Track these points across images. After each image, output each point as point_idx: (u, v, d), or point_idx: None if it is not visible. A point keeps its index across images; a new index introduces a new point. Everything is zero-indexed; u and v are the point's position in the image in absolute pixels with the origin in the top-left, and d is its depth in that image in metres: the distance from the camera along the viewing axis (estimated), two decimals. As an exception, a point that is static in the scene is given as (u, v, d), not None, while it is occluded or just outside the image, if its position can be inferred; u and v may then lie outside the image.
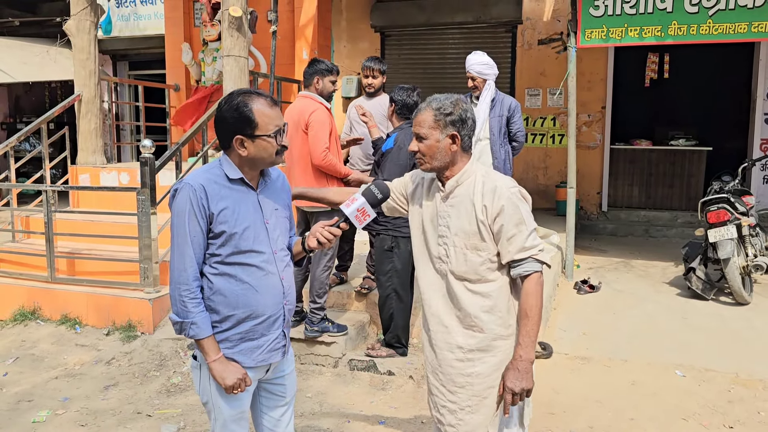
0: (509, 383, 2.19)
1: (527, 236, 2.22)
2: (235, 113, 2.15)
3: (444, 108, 2.26)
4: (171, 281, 2.19)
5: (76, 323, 5.28)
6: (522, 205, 2.25)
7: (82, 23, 6.82)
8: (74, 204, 6.95)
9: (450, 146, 2.27)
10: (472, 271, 2.29)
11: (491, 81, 4.63)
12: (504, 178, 2.31)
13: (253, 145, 2.18)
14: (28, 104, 12.81)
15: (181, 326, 2.17)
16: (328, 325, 4.52)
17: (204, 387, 2.29)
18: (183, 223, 2.15)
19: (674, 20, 5.42)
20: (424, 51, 9.47)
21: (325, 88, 4.39)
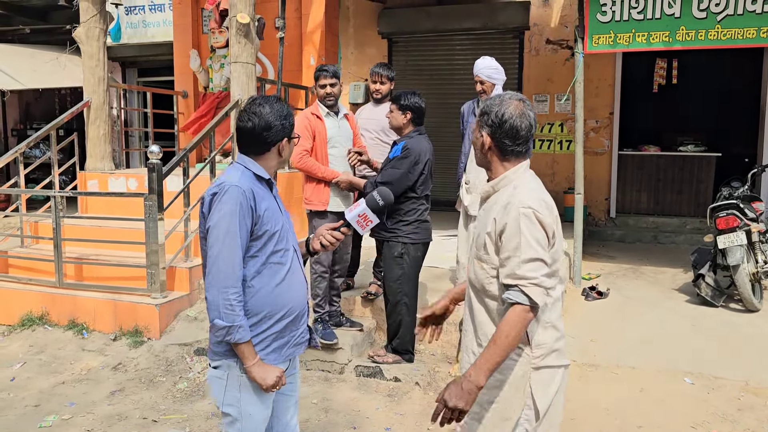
0: (446, 395, 2.05)
1: (521, 263, 2.02)
2: (286, 119, 2.27)
3: (486, 107, 2.19)
4: (215, 284, 2.14)
5: (83, 328, 5.29)
6: (527, 229, 2.03)
7: (91, 30, 6.87)
8: (83, 210, 6.99)
9: (482, 146, 2.20)
10: (479, 282, 2.22)
11: (499, 86, 4.61)
12: (529, 193, 2.11)
13: (289, 146, 2.34)
14: (39, 111, 12.91)
15: (227, 331, 2.14)
16: (342, 319, 4.68)
17: (232, 397, 2.25)
18: (233, 224, 2.14)
19: (682, 25, 5.40)
20: (431, 57, 9.49)
21: (317, 92, 4.49)
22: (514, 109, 2.14)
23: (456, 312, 2.69)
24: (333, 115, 4.49)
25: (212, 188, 2.22)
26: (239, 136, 2.31)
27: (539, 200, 2.09)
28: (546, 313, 2.17)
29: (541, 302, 2.04)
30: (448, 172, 8.91)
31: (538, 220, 2.05)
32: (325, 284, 4.47)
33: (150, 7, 10.40)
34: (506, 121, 2.13)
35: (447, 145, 8.70)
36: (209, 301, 2.16)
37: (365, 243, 5.25)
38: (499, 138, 2.15)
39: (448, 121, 8.90)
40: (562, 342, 2.25)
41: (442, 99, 9.10)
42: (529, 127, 2.16)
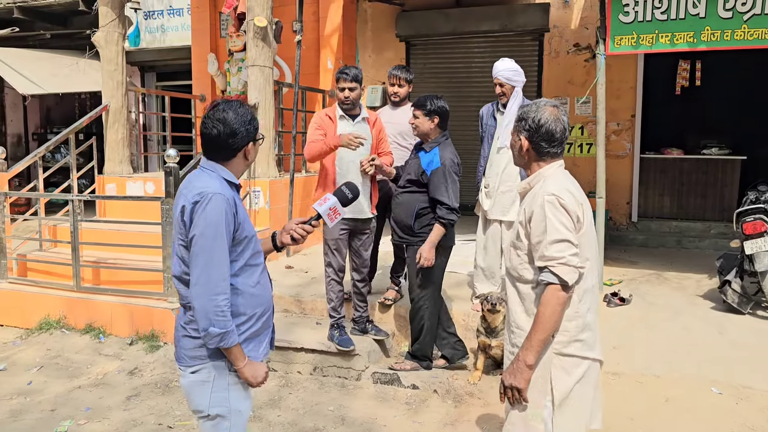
0: (503, 375, 2.34)
1: (548, 245, 2.22)
2: (250, 124, 2.28)
3: (523, 113, 2.39)
4: (205, 293, 2.13)
5: (100, 332, 5.29)
6: (552, 213, 2.23)
7: (110, 35, 6.90)
8: (101, 213, 7.01)
9: (520, 149, 2.40)
10: (515, 269, 2.41)
11: (519, 88, 4.53)
12: (554, 183, 2.29)
13: (254, 148, 2.37)
14: (59, 115, 13.04)
15: (221, 337, 2.16)
16: (368, 326, 4.66)
17: (220, 398, 2.28)
18: (220, 233, 2.16)
19: (707, 26, 5.26)
20: (449, 60, 9.41)
21: (336, 94, 4.45)
22: (549, 114, 2.34)
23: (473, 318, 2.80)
24: (348, 119, 4.40)
25: (192, 196, 2.19)
26: (204, 142, 2.30)
27: (563, 189, 2.28)
28: (573, 304, 2.29)
29: (571, 280, 2.21)
30: (466, 176, 8.81)
31: (562, 205, 2.24)
32: (339, 288, 4.41)
33: (169, 12, 10.46)
34: (542, 126, 2.33)
35: (465, 148, 8.59)
36: (199, 310, 2.15)
37: (382, 247, 5.18)
38: (536, 141, 2.35)
39: (466, 124, 8.81)
40: (589, 335, 2.36)
41: (460, 102, 9.00)
42: (563, 130, 2.36)
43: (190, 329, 2.26)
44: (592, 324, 2.37)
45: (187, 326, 2.27)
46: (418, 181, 4.18)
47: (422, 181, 4.15)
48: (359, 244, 4.44)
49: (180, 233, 2.23)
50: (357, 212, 4.31)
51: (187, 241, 2.20)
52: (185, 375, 2.30)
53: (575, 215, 2.25)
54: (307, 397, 4.24)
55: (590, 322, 2.35)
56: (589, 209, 2.36)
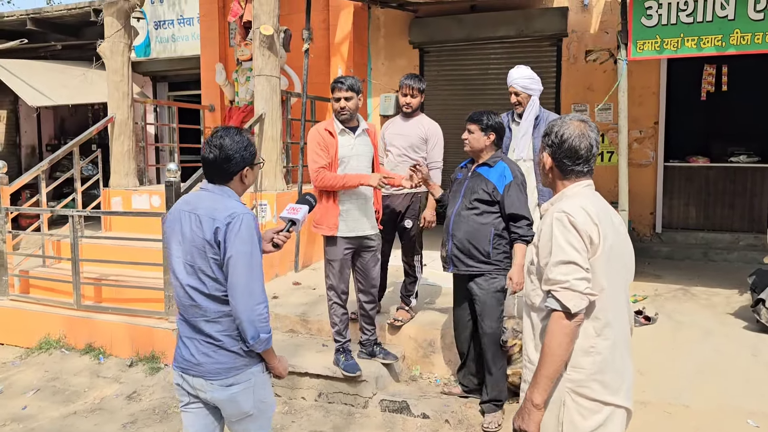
0: (514, 416, 2.14)
1: (552, 267, 2.01)
2: (246, 150, 2.43)
3: (548, 128, 2.22)
4: (250, 306, 2.29)
5: (100, 353, 5.11)
6: (560, 232, 2.02)
7: (115, 45, 6.76)
8: (106, 227, 6.86)
9: (544, 166, 2.23)
10: (527, 295, 2.23)
11: (536, 97, 4.27)
12: (571, 202, 2.08)
13: (252, 173, 2.51)
14: (73, 126, 13.00)
15: (268, 340, 2.37)
16: (376, 348, 4.38)
17: (263, 394, 2.49)
18: (255, 249, 2.34)
19: (736, 29, 4.95)
20: (464, 67, 9.15)
21: (332, 106, 4.12)
22: (573, 129, 2.15)
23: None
24: (348, 132, 4.09)
25: (224, 218, 2.32)
26: (203, 165, 2.47)
27: (577, 206, 2.06)
28: (588, 337, 2.05)
29: (574, 306, 1.97)
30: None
31: (571, 224, 2.02)
32: (342, 311, 4.16)
33: (179, 21, 10.35)
34: (565, 141, 2.14)
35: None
36: (246, 321, 2.29)
37: (391, 262, 4.92)
38: (559, 158, 2.17)
39: (482, 132, 8.55)
40: (612, 377, 2.08)
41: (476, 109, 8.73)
42: (589, 148, 2.15)
43: (222, 345, 2.37)
44: (617, 364, 2.09)
45: (216, 342, 2.36)
46: (489, 200, 3.73)
47: (494, 198, 3.72)
48: (364, 263, 4.17)
49: (213, 254, 2.33)
50: (358, 229, 4.06)
51: (221, 260, 2.32)
52: (222, 388, 2.38)
53: (587, 235, 2.01)
54: (312, 426, 4.00)
55: (614, 362, 2.08)
56: (614, 232, 2.10)
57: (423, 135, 4.54)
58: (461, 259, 3.80)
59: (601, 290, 2.03)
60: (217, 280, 2.34)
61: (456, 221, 3.82)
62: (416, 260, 4.70)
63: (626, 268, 2.17)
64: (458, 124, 4.81)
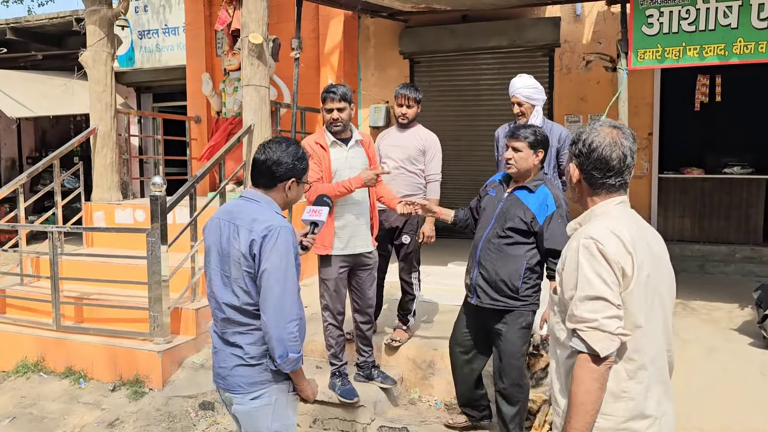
0: None
1: (579, 303, 1.78)
2: (299, 161, 2.41)
3: (576, 135, 2.01)
4: (281, 323, 2.24)
5: (80, 377, 4.84)
6: (587, 262, 1.78)
7: (98, 54, 6.54)
8: (88, 243, 6.60)
9: (572, 180, 2.01)
10: (551, 328, 1.99)
11: (539, 107, 4.12)
12: (601, 225, 1.83)
13: (297, 188, 2.46)
14: (54, 138, 12.68)
15: (297, 361, 2.30)
16: (374, 371, 4.15)
17: (281, 416, 2.39)
18: (291, 264, 2.28)
19: (740, 37, 4.85)
20: (456, 77, 9.01)
21: (323, 117, 3.89)
22: (604, 136, 1.92)
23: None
24: (340, 144, 3.86)
25: (260, 230, 2.28)
26: (252, 165, 2.45)
27: (607, 231, 1.81)
28: (619, 379, 1.81)
29: (603, 349, 1.74)
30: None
31: (600, 252, 1.78)
32: (338, 333, 3.95)
33: (164, 31, 10.12)
34: (594, 150, 1.91)
35: (475, 170, 8.20)
36: (275, 338, 2.24)
37: (388, 278, 4.71)
38: (588, 170, 1.94)
39: (476, 144, 8.40)
40: (646, 425, 1.83)
41: (468, 121, 8.62)
42: (622, 158, 1.91)
43: (248, 357, 2.32)
44: (655, 413, 1.84)
45: (243, 354, 2.33)
46: (525, 230, 3.32)
47: (531, 229, 3.31)
48: (360, 281, 3.96)
49: (247, 266, 2.29)
50: (353, 247, 3.86)
51: (254, 273, 2.28)
52: (244, 402, 2.36)
53: (618, 267, 1.76)
54: (306, 455, 3.78)
55: (650, 410, 1.83)
56: (651, 259, 1.85)
57: (420, 146, 4.36)
58: (486, 292, 3.40)
59: (635, 328, 1.79)
60: (249, 293, 2.31)
61: (485, 249, 3.41)
62: (414, 277, 4.51)
63: (667, 299, 1.92)
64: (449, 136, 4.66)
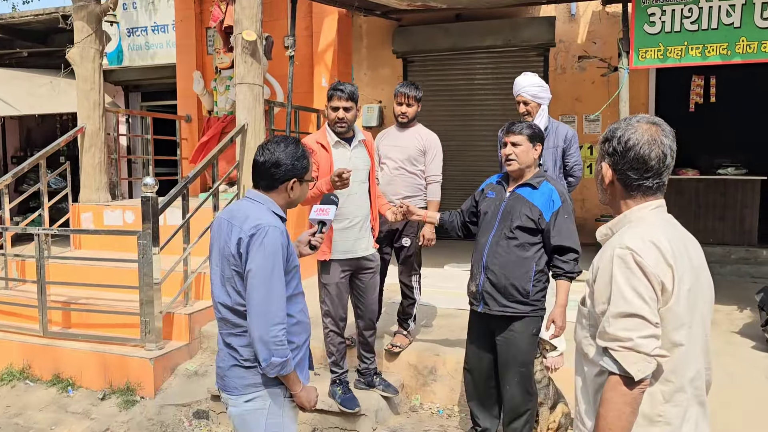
0: None
1: (611, 319, 1.63)
2: (298, 161, 2.36)
3: (609, 132, 1.83)
4: (265, 324, 2.18)
5: (68, 384, 4.67)
6: (622, 274, 1.63)
7: (86, 51, 6.36)
8: (75, 245, 6.42)
9: (603, 180, 1.83)
10: (579, 341, 1.83)
11: (545, 106, 4.02)
12: (637, 231, 1.68)
13: (300, 188, 2.41)
14: (40, 137, 12.43)
15: (282, 366, 2.21)
16: (375, 379, 4.00)
17: (275, 424, 2.32)
18: (277, 264, 2.22)
19: (743, 36, 4.80)
20: (449, 77, 8.92)
21: (327, 115, 3.74)
22: (642, 133, 1.74)
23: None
24: (344, 144, 3.70)
25: (248, 229, 2.23)
26: (252, 168, 2.40)
27: (646, 240, 1.65)
28: (655, 403, 1.67)
29: (639, 372, 1.59)
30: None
31: (637, 264, 1.62)
32: (339, 340, 3.82)
33: (153, 28, 9.94)
34: (631, 149, 1.74)
35: (469, 170, 8.14)
36: (258, 341, 2.19)
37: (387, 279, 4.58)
38: (623, 170, 1.77)
39: (470, 144, 8.33)
40: None
41: (462, 121, 8.54)
42: (662, 157, 1.74)
43: (242, 359, 2.28)
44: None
45: (239, 357, 2.29)
46: (533, 228, 3.19)
47: (538, 226, 3.18)
48: (363, 285, 3.83)
49: (235, 265, 2.26)
50: (354, 251, 3.74)
51: (242, 272, 2.24)
52: (237, 404, 2.32)
53: (657, 280, 1.61)
54: (305, 466, 3.66)
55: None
56: (692, 270, 1.70)
57: (421, 147, 4.25)
58: (495, 298, 3.24)
59: (673, 347, 1.65)
60: (240, 293, 2.27)
61: (491, 252, 3.25)
62: (415, 281, 4.40)
63: (707, 313, 1.76)
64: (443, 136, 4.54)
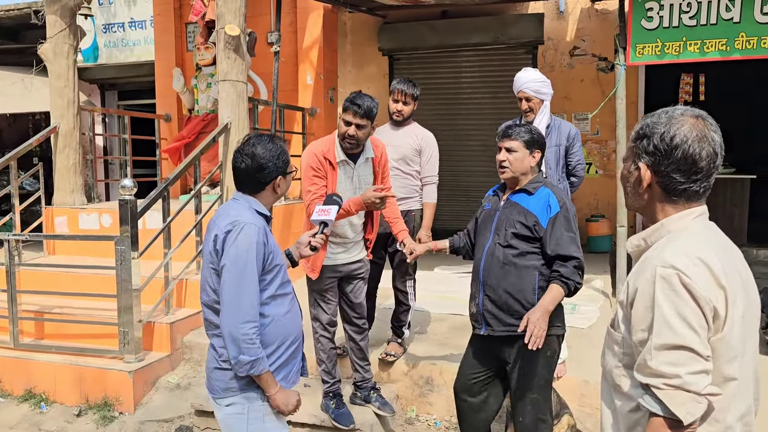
0: None
1: (654, 351, 1.39)
2: (279, 159, 2.33)
3: (647, 127, 1.56)
4: (235, 321, 2.17)
5: (41, 400, 4.40)
6: (667, 300, 1.38)
7: (59, 47, 6.07)
8: (49, 251, 6.12)
9: (638, 183, 1.57)
10: (609, 370, 1.58)
11: (548, 102, 3.85)
12: (682, 248, 1.44)
13: (285, 181, 2.40)
14: (11, 137, 12.01)
15: (251, 365, 2.18)
16: (371, 394, 3.75)
17: (256, 428, 2.29)
18: (251, 261, 2.20)
19: (742, 32, 4.68)
20: (436, 75, 8.73)
21: (338, 125, 3.40)
22: (689, 129, 1.50)
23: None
24: (349, 163, 3.41)
25: (225, 225, 2.24)
26: (234, 174, 2.37)
27: (693, 258, 1.40)
28: None
29: (688, 415, 1.34)
30: (461, 199, 8.15)
31: (685, 287, 1.37)
32: (330, 346, 3.60)
33: (130, 24, 9.61)
34: (677, 147, 1.49)
35: (458, 170, 7.97)
36: (228, 338, 2.18)
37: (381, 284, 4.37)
38: (666, 172, 1.51)
39: (458, 143, 8.15)
40: None
41: (449, 120, 8.35)
42: (713, 156, 1.51)
43: (221, 361, 2.27)
44: None
45: (218, 358, 2.28)
46: (529, 236, 2.86)
47: (535, 234, 2.85)
48: (351, 289, 3.60)
49: (212, 262, 2.27)
50: (347, 256, 3.53)
51: (218, 269, 2.25)
52: (220, 408, 2.32)
53: (709, 307, 1.38)
54: (297, 485, 3.44)
55: None
56: (744, 289, 1.47)
57: (416, 146, 4.05)
58: (497, 317, 2.87)
59: (725, 382, 1.42)
60: (216, 291, 2.27)
61: (487, 266, 2.91)
62: (409, 286, 4.19)
63: (757, 336, 1.53)
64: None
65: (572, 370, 3.94)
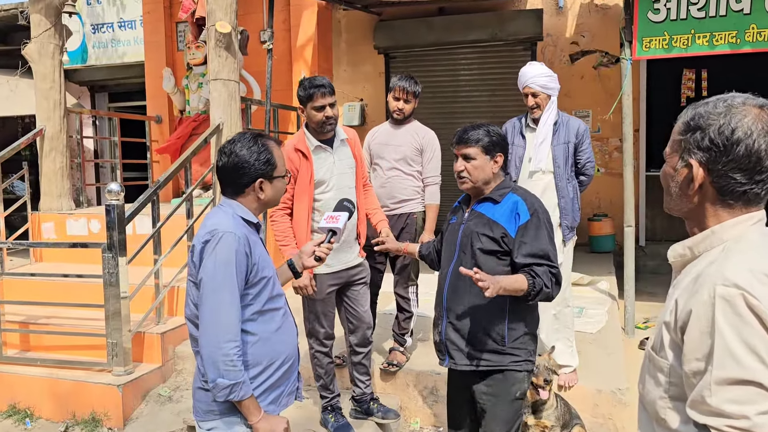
0: None
1: (715, 386, 1.17)
2: (261, 156, 2.14)
3: (699, 118, 1.31)
4: (213, 341, 1.97)
5: (26, 415, 4.20)
6: (732, 327, 1.17)
7: (44, 47, 5.86)
8: (36, 258, 5.92)
9: (687, 183, 1.34)
10: (650, 400, 1.36)
11: (555, 97, 3.68)
12: (744, 263, 1.22)
13: (271, 186, 2.19)
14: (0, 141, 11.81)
15: (231, 389, 1.98)
16: (372, 406, 3.58)
17: None
18: (230, 274, 2.00)
19: (753, 24, 4.51)
20: (433, 73, 8.55)
21: (309, 118, 3.24)
22: (753, 120, 1.25)
23: None
24: (325, 149, 3.26)
25: (203, 235, 2.06)
26: (216, 175, 2.24)
27: (758, 275, 1.18)
28: None
29: None
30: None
31: (753, 311, 1.15)
32: (327, 361, 3.42)
33: (120, 25, 9.41)
34: (740, 142, 1.25)
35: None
36: (207, 359, 1.99)
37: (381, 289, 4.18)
38: (724, 171, 1.28)
39: (455, 143, 7.98)
40: None
41: (446, 119, 8.16)
42: None
43: (203, 380, 2.09)
44: None
45: (201, 377, 2.11)
46: (497, 249, 2.48)
47: (504, 247, 2.47)
48: (353, 296, 3.42)
49: (191, 275, 2.11)
50: (343, 262, 3.34)
51: (198, 282, 2.06)
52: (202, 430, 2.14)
53: None
54: (296, 505, 3.25)
55: None
56: None
57: (418, 145, 3.87)
58: (460, 348, 2.52)
59: None
60: (196, 305, 2.09)
61: (452, 289, 2.55)
62: (411, 292, 4.01)
63: None
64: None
65: (584, 379, 3.77)
